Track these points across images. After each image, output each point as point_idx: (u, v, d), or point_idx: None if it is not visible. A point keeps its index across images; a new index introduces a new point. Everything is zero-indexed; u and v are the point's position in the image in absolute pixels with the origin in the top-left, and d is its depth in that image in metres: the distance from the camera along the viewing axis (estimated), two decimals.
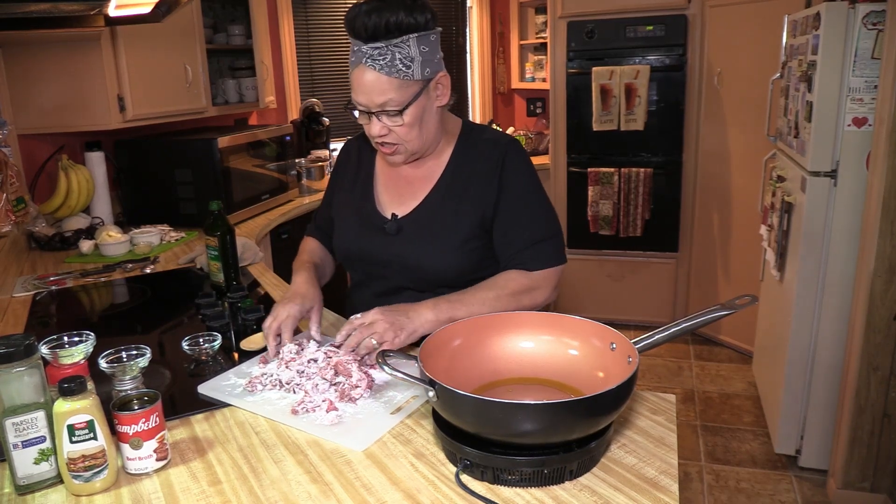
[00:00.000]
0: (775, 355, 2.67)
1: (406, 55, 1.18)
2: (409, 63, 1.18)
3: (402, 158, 1.30)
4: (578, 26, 3.64)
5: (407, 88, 1.20)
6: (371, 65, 1.17)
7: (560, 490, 0.90)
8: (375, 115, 1.23)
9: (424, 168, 1.35)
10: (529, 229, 1.29)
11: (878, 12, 2.10)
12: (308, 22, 3.98)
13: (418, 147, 1.28)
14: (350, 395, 1.13)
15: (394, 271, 1.33)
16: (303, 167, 3.38)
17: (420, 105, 1.23)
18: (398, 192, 1.37)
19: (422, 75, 1.21)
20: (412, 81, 1.20)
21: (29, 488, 0.95)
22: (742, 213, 3.37)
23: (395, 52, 1.17)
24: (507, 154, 1.29)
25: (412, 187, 1.35)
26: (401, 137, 1.25)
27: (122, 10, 1.53)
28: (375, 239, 1.34)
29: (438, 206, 1.31)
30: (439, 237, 1.29)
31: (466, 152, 1.33)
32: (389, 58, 1.17)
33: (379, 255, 1.34)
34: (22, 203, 2.14)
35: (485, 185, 1.29)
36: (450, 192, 1.31)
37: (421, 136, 1.26)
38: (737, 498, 2.40)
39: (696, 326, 1.01)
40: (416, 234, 1.31)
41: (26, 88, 2.40)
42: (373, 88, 1.19)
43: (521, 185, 1.29)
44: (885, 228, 2.06)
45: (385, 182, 1.39)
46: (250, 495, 0.92)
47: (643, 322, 3.84)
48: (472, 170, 1.30)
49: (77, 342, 1.11)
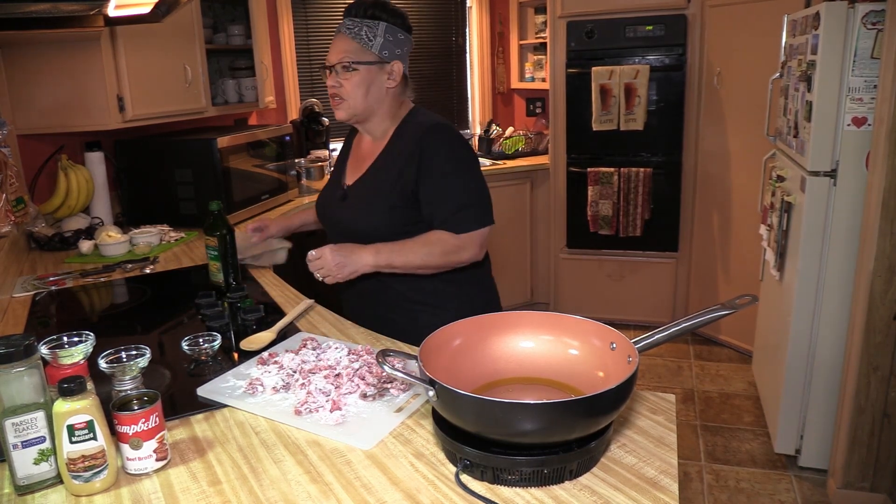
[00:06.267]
0: (775, 355, 2.67)
1: (372, 32, 1.49)
2: (372, 38, 1.49)
3: (344, 115, 1.55)
4: (578, 26, 3.64)
5: (363, 54, 1.49)
6: (343, 31, 1.50)
7: (560, 490, 0.91)
8: (333, 70, 1.51)
9: (374, 146, 1.62)
10: (451, 199, 1.50)
11: (877, 12, 2.11)
12: (308, 22, 3.98)
13: (360, 108, 1.54)
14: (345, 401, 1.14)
15: (342, 230, 1.61)
16: (302, 167, 3.38)
17: (370, 73, 1.51)
18: (353, 166, 1.66)
19: (379, 52, 1.50)
20: (369, 52, 1.49)
21: (29, 488, 0.95)
22: (742, 213, 3.37)
23: (363, 26, 1.49)
24: (427, 136, 1.51)
25: (362, 163, 1.63)
26: (346, 92, 1.52)
27: (122, 11, 1.53)
28: (330, 204, 1.67)
29: (373, 178, 1.58)
30: (369, 203, 1.56)
31: (401, 134, 1.57)
32: (357, 29, 1.49)
33: (332, 216, 1.66)
34: (22, 203, 2.14)
35: (408, 162, 1.51)
36: (383, 166, 1.56)
37: (365, 100, 1.53)
38: (737, 498, 2.40)
39: (696, 326, 1.01)
40: (355, 201, 1.60)
41: (26, 88, 2.40)
42: (338, 48, 1.50)
43: (440, 163, 1.50)
44: (885, 228, 2.06)
45: (351, 160, 1.69)
46: (250, 495, 0.92)
47: (643, 322, 3.84)
48: (401, 149, 1.55)
49: (77, 342, 1.11)
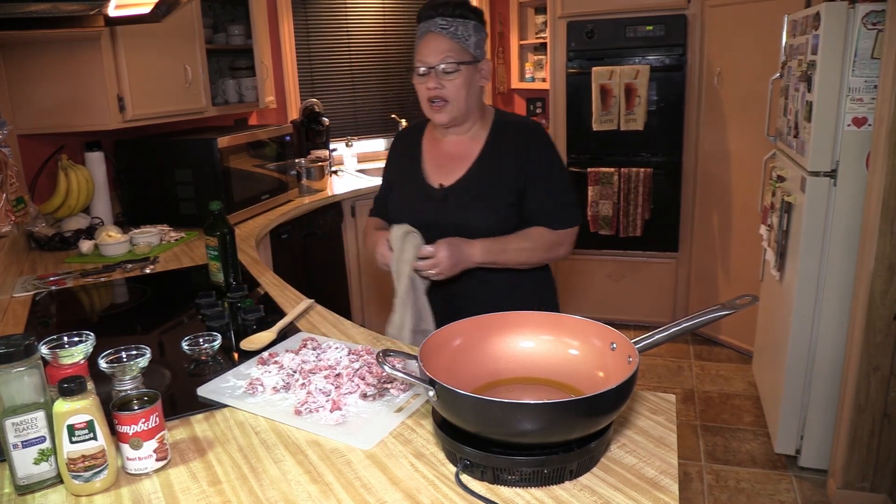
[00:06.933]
0: (775, 355, 2.67)
1: (465, 31, 1.50)
2: (467, 37, 1.50)
3: (446, 117, 1.54)
4: (578, 26, 3.64)
5: (463, 53, 1.50)
6: (439, 31, 1.49)
7: (560, 490, 0.90)
8: (434, 71, 1.49)
9: (463, 147, 1.61)
10: (553, 196, 1.56)
11: (877, 12, 2.10)
12: (308, 22, 3.98)
13: (461, 109, 1.53)
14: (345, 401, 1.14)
15: (439, 232, 1.54)
16: (302, 167, 3.38)
17: (469, 72, 1.51)
18: (441, 167, 1.62)
19: (474, 51, 1.51)
20: (467, 51, 1.50)
21: (29, 488, 0.95)
22: (742, 213, 3.37)
23: (457, 26, 1.50)
24: (532, 135, 1.57)
25: (453, 163, 1.60)
26: (450, 94, 1.50)
27: (122, 11, 1.53)
28: (425, 205, 1.60)
29: (479, 177, 1.57)
30: (480, 201, 1.55)
31: (500, 132, 1.60)
32: (453, 28, 1.49)
33: (427, 218, 1.58)
34: (22, 203, 2.14)
35: (516, 160, 1.55)
36: (491, 165, 1.57)
37: (466, 100, 1.52)
38: (737, 498, 2.40)
39: (696, 326, 1.01)
40: (460, 200, 1.57)
41: (26, 88, 2.40)
42: (437, 48, 1.49)
43: (547, 161, 1.57)
44: (885, 228, 2.06)
45: (429, 159, 1.65)
46: (250, 495, 0.92)
47: (643, 322, 3.84)
48: (506, 149, 1.57)
49: (77, 342, 1.11)
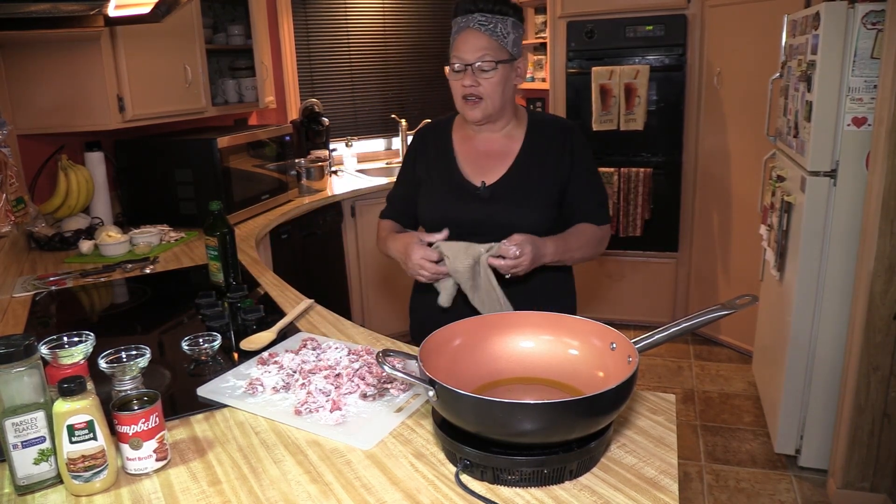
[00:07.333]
0: (775, 355, 2.67)
1: (504, 28, 1.47)
2: (506, 35, 1.47)
3: (480, 114, 1.51)
4: (578, 26, 3.64)
5: (500, 51, 1.47)
6: (477, 27, 1.46)
7: (560, 490, 0.90)
8: (471, 69, 1.46)
9: (499, 145, 1.59)
10: (594, 193, 1.59)
11: (877, 12, 2.10)
12: (308, 22, 3.98)
13: (497, 107, 1.50)
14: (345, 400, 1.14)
15: (485, 230, 1.50)
16: (302, 167, 3.38)
17: (506, 70, 1.48)
18: (479, 165, 1.59)
19: (511, 49, 1.48)
20: (504, 49, 1.47)
21: (29, 488, 0.95)
22: (742, 213, 3.37)
23: (496, 23, 1.46)
24: (572, 133, 1.58)
25: (492, 161, 1.58)
26: (486, 92, 1.48)
27: (122, 11, 1.53)
28: (467, 203, 1.56)
29: (524, 175, 1.55)
30: (527, 198, 1.54)
31: (538, 131, 1.59)
32: (492, 25, 1.46)
33: (471, 216, 1.55)
34: (22, 203, 2.14)
35: (558, 158, 1.55)
36: (533, 163, 1.56)
37: (501, 98, 1.50)
38: (737, 498, 2.40)
39: (696, 326, 1.01)
40: (506, 197, 1.54)
41: (26, 88, 2.40)
42: (475, 45, 1.46)
43: (587, 160, 1.59)
44: (885, 228, 2.06)
45: (464, 158, 1.61)
46: (250, 495, 0.92)
47: (643, 322, 3.83)
48: (546, 147, 1.57)
49: (77, 342, 1.11)
